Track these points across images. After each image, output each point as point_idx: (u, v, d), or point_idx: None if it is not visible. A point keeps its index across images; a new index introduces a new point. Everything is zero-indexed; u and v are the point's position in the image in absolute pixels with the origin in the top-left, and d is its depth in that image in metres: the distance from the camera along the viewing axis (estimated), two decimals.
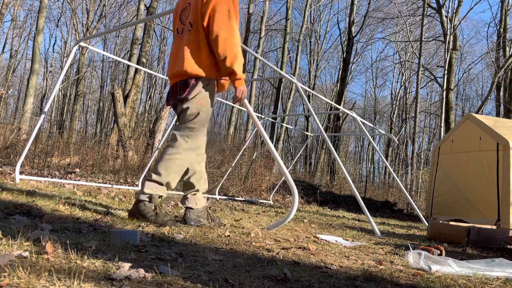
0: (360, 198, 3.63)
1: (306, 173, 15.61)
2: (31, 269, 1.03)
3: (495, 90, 14.71)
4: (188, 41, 2.29)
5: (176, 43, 2.39)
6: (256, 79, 18.56)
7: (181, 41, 2.35)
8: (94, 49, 4.30)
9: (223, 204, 4.84)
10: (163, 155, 2.31)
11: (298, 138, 29.69)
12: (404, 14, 17.64)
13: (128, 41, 23.18)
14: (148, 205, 2.25)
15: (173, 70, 2.34)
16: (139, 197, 2.27)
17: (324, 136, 3.86)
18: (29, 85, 12.17)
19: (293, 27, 22.18)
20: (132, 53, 12.65)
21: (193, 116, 2.29)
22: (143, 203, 2.25)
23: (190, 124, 2.30)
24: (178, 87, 2.30)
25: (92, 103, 29.08)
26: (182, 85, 2.28)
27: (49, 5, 18.32)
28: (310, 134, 8.41)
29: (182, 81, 2.28)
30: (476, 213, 5.51)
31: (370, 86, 35.84)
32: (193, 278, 1.20)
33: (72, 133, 10.60)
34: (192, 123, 2.30)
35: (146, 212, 2.23)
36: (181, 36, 2.36)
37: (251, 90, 17.85)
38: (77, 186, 3.99)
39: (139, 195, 2.27)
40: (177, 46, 2.37)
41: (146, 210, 2.24)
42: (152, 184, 2.27)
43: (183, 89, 2.27)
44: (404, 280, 1.54)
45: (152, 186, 2.27)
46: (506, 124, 6.11)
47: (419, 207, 9.86)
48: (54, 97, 3.95)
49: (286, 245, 2.07)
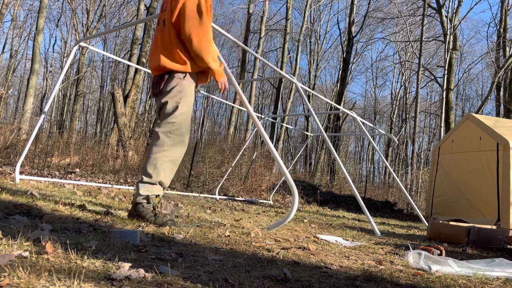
0: (360, 198, 3.63)
1: (306, 173, 15.61)
2: (31, 269, 1.03)
3: (495, 90, 14.71)
4: (162, 36, 2.30)
5: (156, 35, 2.39)
6: (256, 79, 18.57)
7: (156, 35, 2.36)
8: (94, 49, 4.30)
9: (223, 204, 4.84)
10: (148, 155, 2.28)
11: (298, 138, 29.71)
12: (404, 14, 17.64)
13: (128, 41, 23.19)
14: (147, 206, 2.24)
15: (153, 63, 2.35)
16: (136, 200, 2.26)
17: (324, 136, 3.86)
18: (29, 85, 12.17)
19: (293, 27, 22.19)
20: (132, 53, 12.65)
21: (172, 110, 2.26)
22: (141, 205, 2.24)
23: (171, 119, 2.27)
24: (155, 80, 2.33)
25: (92, 103, 29.09)
26: (159, 79, 2.30)
27: (49, 5, 18.33)
28: (310, 134, 8.41)
29: (158, 75, 2.31)
30: (476, 213, 5.51)
31: (370, 86, 35.87)
32: (193, 278, 1.20)
33: (72, 133, 10.60)
34: (173, 118, 2.26)
35: (145, 214, 2.23)
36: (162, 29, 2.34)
37: (251, 90, 17.85)
38: (77, 186, 3.99)
39: (136, 198, 2.26)
40: (155, 41, 2.38)
41: (145, 212, 2.23)
42: (146, 186, 2.25)
43: (159, 83, 2.29)
44: (404, 280, 1.54)
45: (147, 187, 2.25)
46: (506, 124, 6.11)
47: (419, 207, 9.87)
48: (54, 97, 3.97)
49: (286, 245, 2.07)
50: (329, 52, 26.85)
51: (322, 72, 27.42)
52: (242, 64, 18.71)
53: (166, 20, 2.27)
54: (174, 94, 2.26)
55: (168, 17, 2.25)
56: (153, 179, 2.24)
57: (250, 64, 22.89)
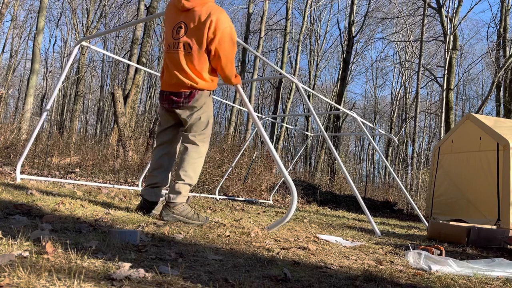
0: (360, 198, 3.63)
1: (306, 173, 15.61)
2: (31, 269, 1.03)
3: (495, 90, 14.71)
4: (190, 58, 2.50)
5: (172, 58, 2.54)
6: (257, 79, 18.55)
7: (179, 57, 2.50)
8: (96, 48, 4.29)
9: (223, 204, 4.84)
10: (188, 159, 2.54)
11: (298, 138, 29.72)
12: (404, 14, 17.64)
13: (128, 41, 23.20)
14: (186, 205, 2.50)
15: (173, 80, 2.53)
16: (173, 200, 2.45)
17: (325, 135, 3.86)
18: (29, 85, 12.17)
19: (293, 27, 22.20)
20: (132, 53, 12.65)
21: (206, 123, 2.62)
22: (182, 204, 2.47)
23: (206, 131, 2.63)
24: (182, 96, 2.53)
25: (92, 103, 29.09)
26: (187, 95, 2.53)
27: (49, 5, 18.32)
28: (310, 134, 8.41)
29: (187, 91, 2.53)
30: (476, 213, 5.51)
31: (370, 86, 35.89)
32: (193, 278, 1.20)
33: (72, 133, 10.60)
34: (206, 130, 2.63)
35: (187, 213, 2.47)
36: (175, 51, 2.52)
37: (251, 90, 17.86)
38: (77, 186, 3.99)
39: (175, 198, 2.45)
40: (176, 61, 2.52)
41: (186, 211, 2.48)
42: (187, 186, 2.52)
43: (188, 98, 2.53)
44: (404, 280, 1.54)
45: (188, 188, 2.52)
46: (506, 124, 6.11)
47: (419, 207, 9.86)
48: (55, 96, 3.98)
49: (286, 245, 2.07)
50: (329, 52, 26.88)
51: (322, 72, 27.45)
52: (242, 64, 18.72)
53: (195, 45, 2.49)
54: (205, 109, 2.60)
55: (198, 43, 2.48)
56: (193, 180, 2.54)
57: (250, 64, 22.90)
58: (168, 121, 2.67)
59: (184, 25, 2.52)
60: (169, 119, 2.66)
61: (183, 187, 2.48)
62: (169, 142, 2.69)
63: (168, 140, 2.69)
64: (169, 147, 2.69)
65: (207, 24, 2.44)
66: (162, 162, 2.64)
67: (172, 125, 2.68)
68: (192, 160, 2.54)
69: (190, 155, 2.54)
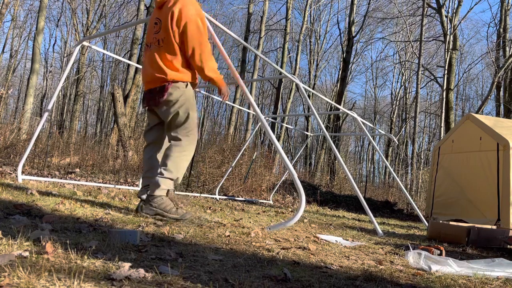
0: (362, 197, 3.63)
1: (306, 173, 15.61)
2: (31, 269, 1.03)
3: (495, 90, 14.71)
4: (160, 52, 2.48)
5: (147, 56, 2.57)
6: (257, 79, 18.55)
7: (152, 53, 2.52)
8: (97, 48, 4.28)
9: (223, 204, 4.84)
10: (169, 154, 2.50)
11: (298, 138, 29.71)
12: (404, 14, 17.64)
13: (128, 41, 23.20)
14: (166, 198, 2.45)
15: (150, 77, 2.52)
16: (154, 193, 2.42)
17: (326, 134, 3.86)
18: (29, 85, 12.17)
19: (293, 27, 22.19)
20: (132, 53, 12.65)
21: (186, 117, 2.52)
22: (161, 197, 2.43)
23: (187, 125, 2.54)
24: (155, 91, 2.49)
25: (92, 103, 29.09)
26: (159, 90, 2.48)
27: (49, 5, 18.33)
28: (310, 134, 8.41)
29: (160, 86, 2.48)
30: (476, 213, 5.51)
31: (370, 86, 35.88)
32: (193, 278, 1.20)
33: (72, 133, 10.60)
34: (187, 124, 2.54)
35: (166, 205, 2.43)
36: (151, 49, 2.54)
37: (251, 90, 17.85)
38: (77, 186, 3.99)
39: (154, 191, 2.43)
40: (150, 58, 2.53)
41: (165, 204, 2.43)
42: (167, 180, 2.46)
43: (161, 93, 2.47)
44: (404, 280, 1.54)
45: (168, 181, 2.47)
46: (506, 124, 6.11)
47: (419, 207, 9.87)
48: (56, 96, 3.99)
49: (286, 245, 2.07)
50: (329, 52, 26.86)
51: (322, 72, 27.43)
52: (242, 64, 18.71)
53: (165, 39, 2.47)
54: (182, 102, 2.50)
55: (166, 36, 2.46)
56: (173, 175, 2.48)
57: (250, 64, 22.89)
58: (153, 120, 2.68)
59: (159, 21, 2.52)
60: (154, 118, 2.66)
61: (162, 180, 2.45)
62: (156, 141, 2.69)
63: (155, 139, 2.69)
64: (157, 146, 2.69)
65: (170, 15, 2.42)
66: (154, 163, 2.64)
67: (157, 124, 2.67)
68: (174, 155, 2.49)
69: (172, 150, 2.51)
